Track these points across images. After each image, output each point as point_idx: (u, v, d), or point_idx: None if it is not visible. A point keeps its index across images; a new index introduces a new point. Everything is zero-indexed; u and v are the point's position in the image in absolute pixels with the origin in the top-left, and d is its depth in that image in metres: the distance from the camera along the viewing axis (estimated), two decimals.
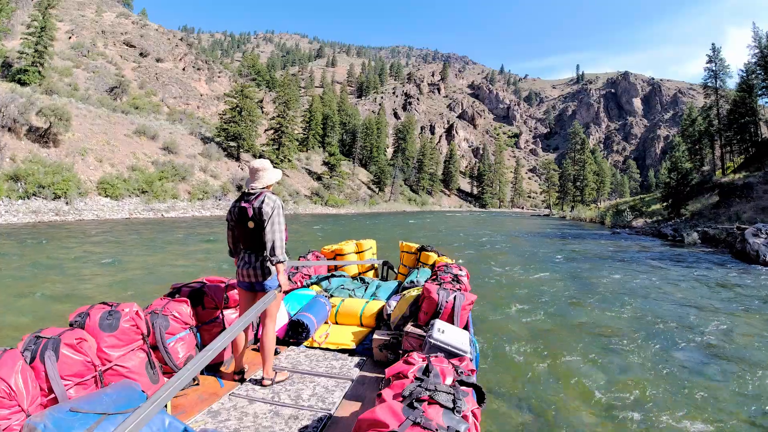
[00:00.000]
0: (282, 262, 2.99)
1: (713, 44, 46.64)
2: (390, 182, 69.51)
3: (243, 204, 3.03)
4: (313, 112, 63.31)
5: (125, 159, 30.97)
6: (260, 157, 44.32)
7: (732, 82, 45.13)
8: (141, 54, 63.93)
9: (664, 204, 24.57)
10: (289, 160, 45.97)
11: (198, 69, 73.95)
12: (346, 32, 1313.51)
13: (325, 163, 50.93)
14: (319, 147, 63.97)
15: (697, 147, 47.76)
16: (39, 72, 38.24)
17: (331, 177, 49.98)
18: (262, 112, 68.12)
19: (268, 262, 3.04)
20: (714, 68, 45.47)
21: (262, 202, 2.97)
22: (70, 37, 58.01)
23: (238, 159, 40.09)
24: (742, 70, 38.24)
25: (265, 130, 46.45)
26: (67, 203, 23.39)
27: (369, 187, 65.44)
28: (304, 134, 62.85)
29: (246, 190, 3.11)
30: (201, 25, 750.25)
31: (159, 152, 33.75)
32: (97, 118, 34.61)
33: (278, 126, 45.46)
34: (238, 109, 40.15)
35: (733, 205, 19.71)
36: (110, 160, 29.94)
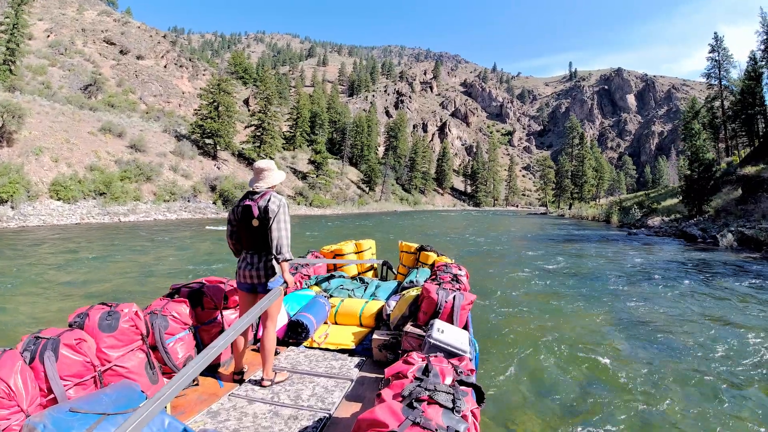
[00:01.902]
0: (288, 260, 2.94)
1: (715, 33, 44.78)
2: (381, 181, 66.88)
3: (247, 202, 2.97)
4: (300, 109, 60.48)
5: (84, 158, 28.32)
6: (239, 155, 41.71)
7: (735, 73, 43.37)
8: (121, 52, 63.57)
9: (684, 200, 21.86)
10: (271, 158, 43.04)
11: (180, 66, 73.01)
12: (338, 32, 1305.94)
13: (311, 162, 48.02)
14: (307, 146, 61.23)
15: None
16: (10, 70, 35.83)
17: (317, 176, 47.16)
18: (249, 110, 65.47)
19: (274, 261, 2.97)
20: (717, 58, 43.58)
21: (268, 200, 2.92)
22: (48, 36, 56.58)
23: (214, 157, 37.29)
24: (751, 58, 36.06)
25: (246, 127, 43.47)
26: (12, 207, 21.03)
27: (359, 187, 62.78)
28: (291, 132, 60.24)
29: (250, 189, 3.05)
30: (191, 26, 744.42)
31: (125, 150, 30.98)
32: (60, 116, 32.26)
33: (259, 122, 42.52)
34: (215, 104, 37.30)
35: (762, 200, 17.27)
36: (68, 159, 27.42)
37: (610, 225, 29.94)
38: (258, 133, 42.41)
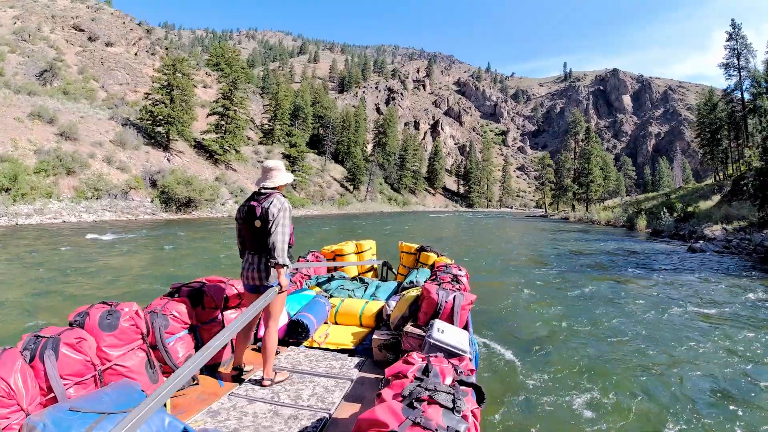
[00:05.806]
0: (283, 265, 2.86)
1: (733, 20, 40.75)
2: (366, 180, 61.75)
3: (252, 203, 2.93)
4: (279, 100, 55.28)
5: None
6: (199, 145, 36.52)
7: (752, 64, 39.31)
8: (89, 38, 60.18)
9: (756, 201, 16.75)
10: (237, 151, 37.71)
11: (152, 54, 68.60)
12: (332, 30, 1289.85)
13: (286, 156, 42.73)
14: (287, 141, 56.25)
15: (718, 137, 41.74)
16: None
17: (292, 172, 41.92)
18: None
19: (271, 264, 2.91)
20: (735, 46, 39.43)
21: (271, 202, 2.87)
22: (15, 22, 52.53)
23: (166, 148, 32.05)
24: None
25: (207, 115, 38.14)
26: None
27: (343, 185, 57.67)
28: (270, 125, 55.30)
29: (256, 189, 3.03)
30: (183, 22, 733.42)
31: (52, 139, 25.77)
32: None
33: (223, 110, 37.21)
34: (168, 87, 32.06)
35: None
36: None
37: (635, 232, 24.62)
38: (222, 122, 37.09)
